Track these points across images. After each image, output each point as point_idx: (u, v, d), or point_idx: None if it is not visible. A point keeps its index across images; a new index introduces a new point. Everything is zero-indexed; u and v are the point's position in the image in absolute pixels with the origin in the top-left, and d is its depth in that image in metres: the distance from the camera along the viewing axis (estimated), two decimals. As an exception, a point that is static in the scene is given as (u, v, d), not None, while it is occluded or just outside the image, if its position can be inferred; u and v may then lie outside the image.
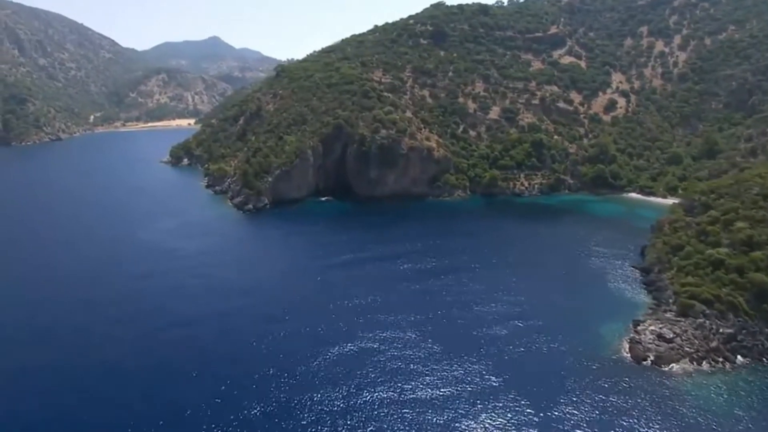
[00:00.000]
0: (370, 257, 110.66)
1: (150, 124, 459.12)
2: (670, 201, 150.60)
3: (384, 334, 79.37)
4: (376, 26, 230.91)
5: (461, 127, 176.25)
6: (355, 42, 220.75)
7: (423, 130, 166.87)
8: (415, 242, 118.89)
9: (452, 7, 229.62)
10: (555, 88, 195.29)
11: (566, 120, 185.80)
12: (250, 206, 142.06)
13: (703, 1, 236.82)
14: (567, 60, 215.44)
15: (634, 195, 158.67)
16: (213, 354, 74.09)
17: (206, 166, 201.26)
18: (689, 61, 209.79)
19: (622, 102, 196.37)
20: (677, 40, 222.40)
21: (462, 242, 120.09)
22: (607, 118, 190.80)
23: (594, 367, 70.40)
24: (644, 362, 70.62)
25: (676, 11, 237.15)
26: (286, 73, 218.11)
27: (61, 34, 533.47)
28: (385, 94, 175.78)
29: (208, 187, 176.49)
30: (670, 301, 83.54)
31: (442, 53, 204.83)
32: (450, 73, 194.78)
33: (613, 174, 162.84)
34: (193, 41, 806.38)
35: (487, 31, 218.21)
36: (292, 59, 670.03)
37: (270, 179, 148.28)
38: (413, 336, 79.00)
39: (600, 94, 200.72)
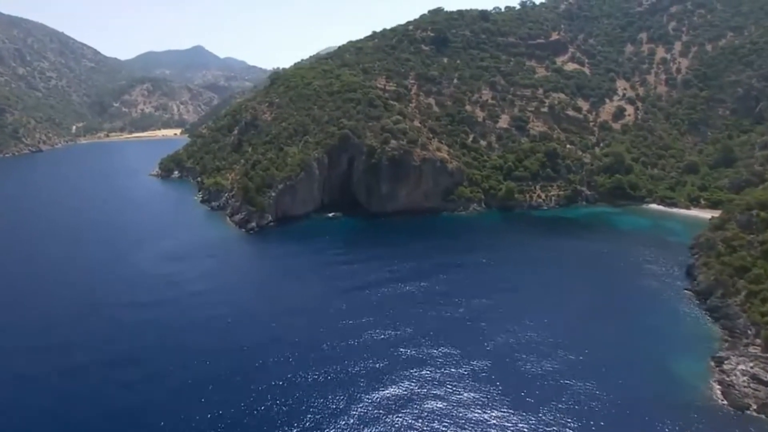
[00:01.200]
0: (391, 280, 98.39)
1: (135, 135, 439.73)
2: (694, 212, 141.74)
3: (423, 372, 67.68)
4: (374, 32, 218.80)
5: (471, 137, 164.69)
6: (353, 48, 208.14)
7: (432, 140, 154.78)
8: (437, 263, 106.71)
9: (452, 12, 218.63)
10: (562, 96, 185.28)
11: (576, 128, 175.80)
12: (253, 224, 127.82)
13: (699, 8, 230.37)
14: (571, 67, 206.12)
15: (654, 206, 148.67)
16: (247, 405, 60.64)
17: (200, 179, 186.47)
18: (692, 67, 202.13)
19: (630, 109, 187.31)
20: (678, 46, 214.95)
21: (487, 262, 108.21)
22: (616, 126, 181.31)
23: (689, 417, 58.56)
24: (747, 411, 58.99)
25: (674, 18, 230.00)
26: (281, 80, 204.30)
27: (42, 43, 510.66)
28: (391, 102, 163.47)
29: (203, 202, 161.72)
30: (749, 332, 72.42)
31: (445, 60, 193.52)
32: (455, 80, 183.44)
33: (631, 184, 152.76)
34: (176, 50, 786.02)
35: (489, 37, 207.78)
36: (278, 68, 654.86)
37: (273, 194, 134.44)
38: (457, 374, 67.29)
39: (607, 101, 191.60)
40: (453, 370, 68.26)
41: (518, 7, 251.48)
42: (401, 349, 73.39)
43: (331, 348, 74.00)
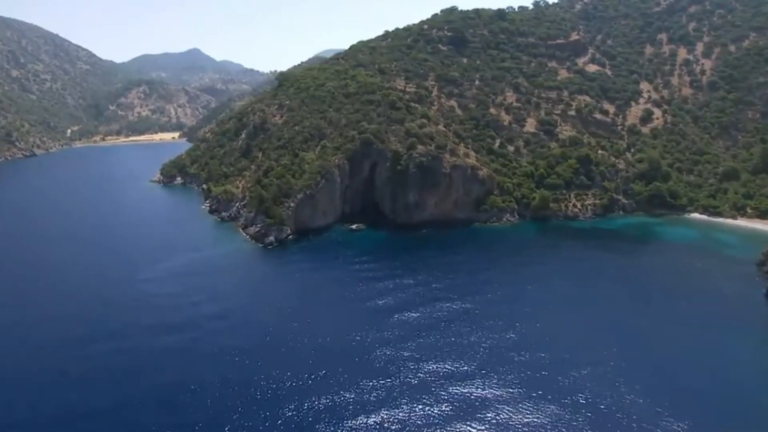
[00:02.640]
0: (430, 300, 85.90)
1: (131, 138, 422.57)
2: (743, 222, 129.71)
3: (497, 418, 54.19)
4: (386, 32, 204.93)
5: (497, 142, 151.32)
6: (366, 48, 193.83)
7: (459, 145, 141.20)
8: (477, 281, 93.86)
9: (468, 12, 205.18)
10: (588, 98, 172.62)
11: (605, 132, 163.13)
12: (271, 238, 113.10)
13: (719, 8, 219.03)
14: (592, 68, 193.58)
15: (697, 216, 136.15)
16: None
17: (205, 186, 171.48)
18: (716, 69, 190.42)
19: (657, 112, 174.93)
20: (700, 47, 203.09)
21: (534, 279, 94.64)
22: (645, 129, 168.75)
23: None
24: None
25: (694, 18, 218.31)
26: (290, 82, 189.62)
27: (36, 45, 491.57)
28: (413, 104, 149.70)
29: (211, 212, 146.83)
30: None
31: (464, 60, 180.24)
32: (476, 82, 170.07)
33: (671, 192, 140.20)
34: (172, 53, 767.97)
35: (509, 37, 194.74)
36: (275, 71, 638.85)
37: (292, 204, 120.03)
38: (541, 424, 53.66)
39: (632, 104, 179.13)
40: (531, 417, 54.99)
41: (531, 6, 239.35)
42: (458, 388, 61.18)
43: (377, 389, 60.90)
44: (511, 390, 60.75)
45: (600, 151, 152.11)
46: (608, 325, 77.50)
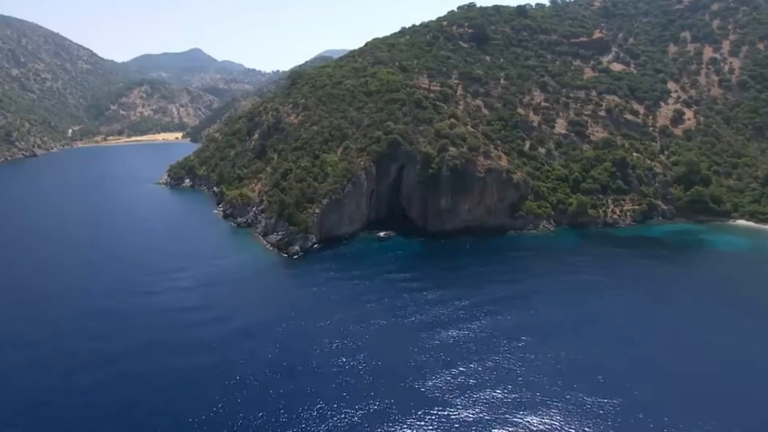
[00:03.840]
0: (478, 316, 76.66)
1: (134, 139, 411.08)
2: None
3: None
4: (403, 28, 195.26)
5: (527, 143, 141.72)
6: (384, 45, 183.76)
7: (490, 147, 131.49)
8: (524, 295, 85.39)
9: (488, 8, 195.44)
10: (617, 98, 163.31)
11: (637, 134, 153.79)
12: (296, 248, 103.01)
13: (743, 5, 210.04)
14: (618, 67, 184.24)
15: (743, 222, 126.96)
16: None
17: (217, 189, 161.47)
18: (746, 68, 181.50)
19: (689, 113, 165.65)
20: (726, 45, 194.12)
21: (598, 295, 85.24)
22: (677, 131, 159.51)
23: None
24: None
25: (717, 16, 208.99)
26: (304, 80, 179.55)
27: (36, 44, 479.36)
28: (439, 103, 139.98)
29: (226, 217, 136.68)
30: None
31: (487, 58, 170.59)
32: (502, 81, 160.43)
33: (713, 198, 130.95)
34: (173, 53, 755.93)
35: (531, 34, 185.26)
36: (277, 71, 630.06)
37: (317, 211, 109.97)
38: None
39: (661, 104, 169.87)
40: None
41: (548, 3, 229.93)
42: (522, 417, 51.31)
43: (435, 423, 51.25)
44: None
45: (635, 154, 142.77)
46: (714, 352, 66.93)
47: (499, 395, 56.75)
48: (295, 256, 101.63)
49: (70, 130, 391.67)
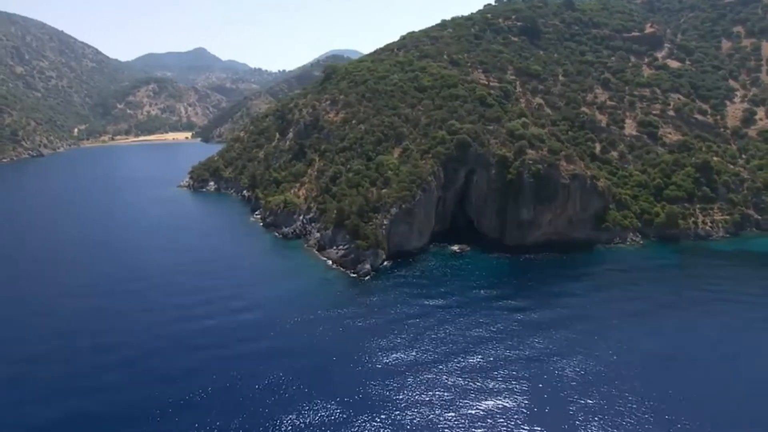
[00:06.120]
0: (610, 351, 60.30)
1: (142, 138, 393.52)
2: None
3: None
4: (444, 21, 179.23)
5: (598, 146, 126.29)
6: (427, 38, 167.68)
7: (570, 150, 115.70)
8: (672, 327, 68.63)
9: (533, 0, 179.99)
10: (682, 97, 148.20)
11: (710, 135, 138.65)
12: (367, 267, 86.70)
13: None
14: (674, 64, 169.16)
15: None
16: None
17: (248, 193, 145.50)
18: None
19: (761, 112, 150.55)
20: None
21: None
22: (752, 132, 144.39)
23: None
24: None
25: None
26: (339, 74, 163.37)
27: (41, 41, 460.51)
28: (503, 101, 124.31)
29: (267, 226, 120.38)
30: None
31: (541, 52, 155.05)
32: (560, 77, 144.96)
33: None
34: (177, 52, 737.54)
35: (582, 28, 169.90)
36: (283, 71, 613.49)
37: (385, 222, 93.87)
38: None
39: (727, 103, 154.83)
40: None
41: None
42: None
43: None
44: None
45: (715, 158, 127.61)
46: None
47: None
48: (366, 277, 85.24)
49: (76, 130, 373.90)
